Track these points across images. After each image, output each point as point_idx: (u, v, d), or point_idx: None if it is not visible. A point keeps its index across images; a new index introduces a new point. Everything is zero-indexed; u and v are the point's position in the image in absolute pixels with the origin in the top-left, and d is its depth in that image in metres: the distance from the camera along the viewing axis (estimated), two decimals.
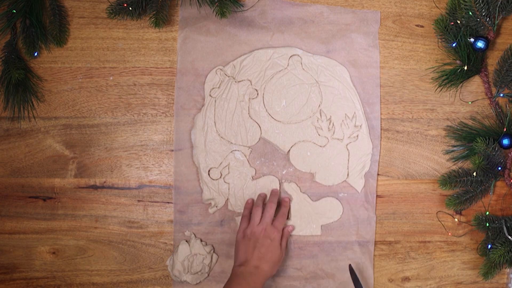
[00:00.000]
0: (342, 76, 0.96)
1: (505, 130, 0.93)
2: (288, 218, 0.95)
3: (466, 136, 0.95)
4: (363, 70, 0.96)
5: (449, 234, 0.98)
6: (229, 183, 0.95)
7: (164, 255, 0.95)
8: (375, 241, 0.97)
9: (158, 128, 0.95)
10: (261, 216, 0.90)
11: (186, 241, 0.94)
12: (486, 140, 0.91)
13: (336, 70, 0.96)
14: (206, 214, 0.95)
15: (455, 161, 0.96)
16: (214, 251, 0.95)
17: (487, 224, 0.94)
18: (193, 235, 0.94)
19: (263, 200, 0.94)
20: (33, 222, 0.95)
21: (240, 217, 0.95)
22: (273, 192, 0.95)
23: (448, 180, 0.94)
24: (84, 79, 0.95)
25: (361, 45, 0.96)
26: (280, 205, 0.95)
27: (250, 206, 0.94)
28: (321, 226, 0.96)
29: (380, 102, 0.96)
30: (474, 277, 0.98)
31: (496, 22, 0.91)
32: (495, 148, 0.91)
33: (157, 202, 0.95)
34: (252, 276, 0.85)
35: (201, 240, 0.95)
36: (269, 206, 0.91)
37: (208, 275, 0.95)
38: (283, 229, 0.93)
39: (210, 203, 0.95)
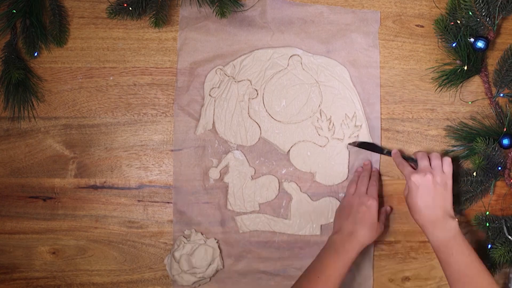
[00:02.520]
0: (342, 76, 0.96)
1: (505, 130, 0.93)
2: (287, 218, 0.96)
3: (466, 136, 0.95)
4: (363, 70, 0.96)
5: None
6: (228, 183, 0.95)
7: (164, 255, 0.95)
8: (375, 241, 0.96)
9: (158, 128, 0.95)
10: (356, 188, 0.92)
11: (184, 237, 0.94)
12: (486, 140, 0.91)
13: (336, 70, 0.96)
14: (206, 214, 0.95)
15: (455, 161, 0.96)
16: (218, 245, 0.95)
17: (487, 224, 0.94)
18: (193, 230, 0.94)
19: (358, 176, 0.94)
20: (33, 222, 0.95)
21: (239, 217, 0.95)
22: (365, 166, 0.95)
23: None
24: (84, 79, 0.95)
25: (361, 45, 0.96)
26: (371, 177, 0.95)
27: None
28: (321, 226, 0.96)
29: (380, 102, 0.96)
30: None
31: (496, 22, 0.91)
32: (495, 148, 0.91)
33: (157, 202, 0.95)
34: (345, 244, 0.85)
35: (202, 234, 0.94)
36: (361, 179, 0.92)
37: (210, 279, 0.95)
38: (381, 208, 0.93)
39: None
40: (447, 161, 0.88)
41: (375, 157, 0.96)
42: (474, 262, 0.81)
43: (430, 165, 0.87)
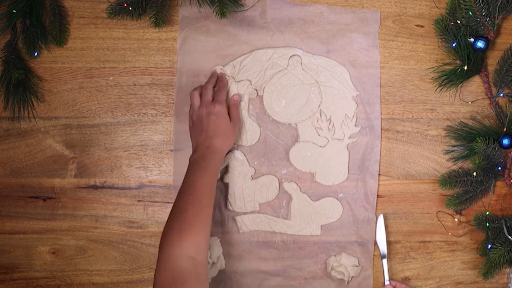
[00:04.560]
0: (342, 76, 0.96)
1: (505, 130, 0.93)
2: (287, 218, 0.96)
3: (466, 136, 0.95)
4: (363, 70, 0.96)
5: (449, 234, 0.98)
6: (228, 183, 0.95)
7: None
8: (375, 241, 0.97)
9: (158, 128, 0.95)
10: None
11: None
12: (486, 140, 0.91)
13: (336, 70, 0.96)
14: None
15: (455, 161, 0.96)
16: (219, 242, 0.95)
17: (487, 224, 0.94)
18: None
19: (201, 86, 0.92)
20: (33, 222, 0.95)
21: (239, 217, 0.95)
22: (211, 74, 0.94)
23: (448, 180, 0.94)
24: (84, 79, 0.95)
25: (361, 45, 0.96)
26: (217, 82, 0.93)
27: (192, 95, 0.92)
28: (321, 226, 0.96)
29: (380, 102, 0.96)
30: (474, 277, 0.98)
31: (496, 22, 0.91)
32: (495, 148, 0.91)
33: (157, 202, 0.95)
34: (205, 158, 0.84)
35: None
36: (204, 88, 0.91)
37: (210, 280, 0.94)
38: (229, 101, 0.92)
39: None
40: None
41: (374, 157, 0.96)
42: None
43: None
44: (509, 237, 0.93)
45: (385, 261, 0.94)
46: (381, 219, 0.95)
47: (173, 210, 0.81)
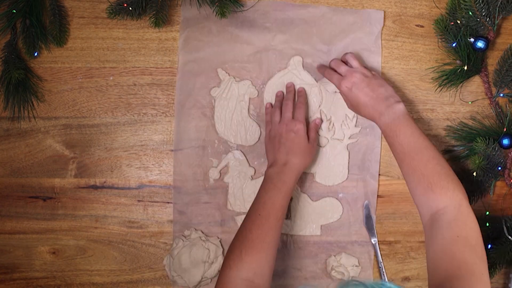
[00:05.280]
0: None
1: (505, 130, 0.93)
2: (288, 218, 0.96)
3: (466, 136, 0.95)
4: None
5: None
6: (228, 183, 0.95)
7: (164, 255, 0.95)
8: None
9: (158, 128, 0.95)
10: (281, 114, 0.90)
11: (184, 236, 0.94)
12: (486, 140, 0.91)
13: None
14: (206, 214, 0.95)
15: (455, 161, 0.96)
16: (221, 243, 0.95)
17: (487, 224, 0.94)
18: (193, 229, 0.94)
19: (281, 101, 0.93)
20: (33, 222, 0.95)
21: (239, 217, 0.95)
22: (288, 88, 0.94)
23: None
24: (84, 79, 0.95)
25: (363, 46, 0.96)
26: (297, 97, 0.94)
27: (269, 111, 0.93)
28: (321, 226, 0.96)
29: None
30: None
31: (496, 22, 0.91)
32: (495, 148, 0.91)
33: (157, 202, 0.95)
34: (281, 175, 0.84)
35: (202, 232, 0.94)
36: (285, 104, 0.91)
37: (211, 281, 0.94)
38: (310, 123, 0.93)
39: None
40: (353, 57, 0.90)
41: (374, 157, 0.96)
42: (417, 141, 0.80)
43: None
44: (509, 237, 0.93)
45: (376, 244, 0.95)
46: (367, 206, 0.96)
47: (239, 229, 0.80)
